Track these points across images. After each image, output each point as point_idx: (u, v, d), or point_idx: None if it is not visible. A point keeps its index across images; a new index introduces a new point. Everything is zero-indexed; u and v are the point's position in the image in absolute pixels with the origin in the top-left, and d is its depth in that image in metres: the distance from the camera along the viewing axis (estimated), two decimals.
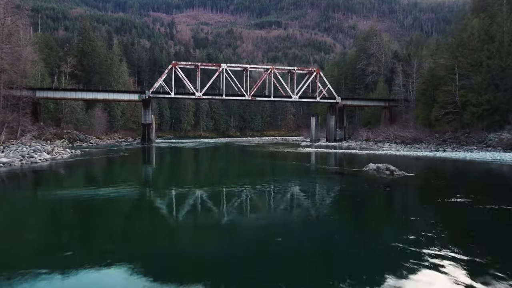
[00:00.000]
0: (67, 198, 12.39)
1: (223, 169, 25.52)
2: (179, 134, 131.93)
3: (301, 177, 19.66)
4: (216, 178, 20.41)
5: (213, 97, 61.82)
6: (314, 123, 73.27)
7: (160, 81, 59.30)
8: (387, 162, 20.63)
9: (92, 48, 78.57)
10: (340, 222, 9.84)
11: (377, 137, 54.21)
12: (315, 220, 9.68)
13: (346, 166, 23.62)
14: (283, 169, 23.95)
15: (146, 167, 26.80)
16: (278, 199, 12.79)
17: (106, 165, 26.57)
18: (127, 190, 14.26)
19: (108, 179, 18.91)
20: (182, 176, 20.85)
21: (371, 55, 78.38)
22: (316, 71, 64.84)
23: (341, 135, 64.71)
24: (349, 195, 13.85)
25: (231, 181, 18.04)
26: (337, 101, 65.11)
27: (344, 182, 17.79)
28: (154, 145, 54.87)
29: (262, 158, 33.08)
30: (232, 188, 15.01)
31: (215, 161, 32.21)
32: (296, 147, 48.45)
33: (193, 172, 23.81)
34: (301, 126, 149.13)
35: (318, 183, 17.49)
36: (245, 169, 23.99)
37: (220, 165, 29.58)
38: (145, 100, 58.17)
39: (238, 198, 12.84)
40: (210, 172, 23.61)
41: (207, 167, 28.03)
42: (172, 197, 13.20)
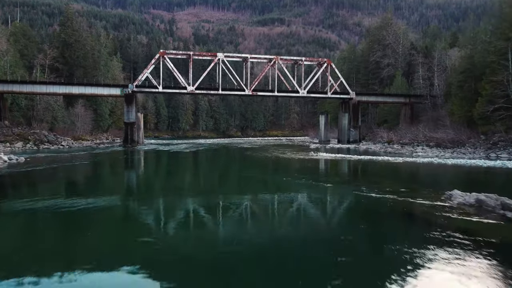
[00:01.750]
0: None
1: (200, 200, 16.04)
2: (177, 134, 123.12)
3: (349, 236, 10.27)
4: (183, 226, 11.00)
5: (207, 91, 52.78)
6: (324, 122, 63.90)
7: (146, 73, 50.06)
8: (443, 173, 11.97)
9: (75, 39, 69.41)
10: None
11: (401, 139, 44.79)
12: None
13: (402, 189, 14.31)
14: (301, 201, 14.35)
15: (90, 189, 17.55)
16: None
17: (14, 187, 17.32)
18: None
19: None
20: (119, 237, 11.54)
21: (386, 46, 68.84)
22: (327, 62, 55.46)
23: (355, 135, 55.31)
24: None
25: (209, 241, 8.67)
26: (351, 97, 55.72)
27: (444, 254, 8.23)
28: (138, 148, 45.62)
29: (264, 172, 23.73)
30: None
31: (197, 176, 22.96)
32: (306, 151, 39.15)
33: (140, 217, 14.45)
34: (306, 126, 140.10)
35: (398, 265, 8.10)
36: (238, 201, 13.98)
37: (201, 185, 20.10)
38: (128, 95, 48.99)
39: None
40: (177, 210, 14.11)
41: (176, 196, 17.94)
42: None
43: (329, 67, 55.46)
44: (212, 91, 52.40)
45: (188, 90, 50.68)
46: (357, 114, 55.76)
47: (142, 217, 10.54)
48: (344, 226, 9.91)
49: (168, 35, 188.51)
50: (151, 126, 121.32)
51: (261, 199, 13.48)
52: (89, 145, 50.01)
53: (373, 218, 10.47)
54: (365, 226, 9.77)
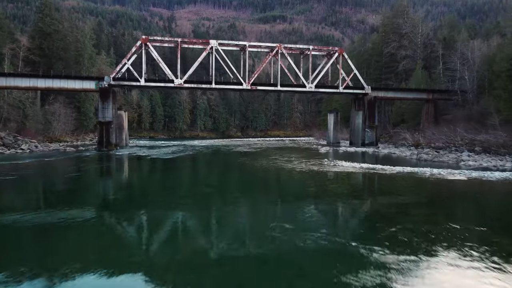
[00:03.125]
0: None
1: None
2: (173, 135, 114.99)
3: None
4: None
5: (198, 85, 44.21)
6: (333, 121, 55.40)
7: (127, 64, 41.72)
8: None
9: (55, 29, 61.15)
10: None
11: (431, 141, 36.33)
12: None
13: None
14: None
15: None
16: None
17: None
18: None
19: None
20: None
21: (402, 36, 60.34)
22: (339, 51, 46.96)
23: (371, 137, 46.82)
24: None
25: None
26: (366, 92, 47.24)
27: None
28: (113, 153, 37.16)
29: (265, 200, 15.20)
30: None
31: (161, 208, 14.72)
32: (317, 157, 30.75)
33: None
34: (309, 126, 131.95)
35: None
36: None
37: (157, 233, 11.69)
38: (103, 89, 40.64)
39: None
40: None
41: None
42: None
43: (341, 58, 47.05)
44: (204, 84, 44.00)
45: (175, 83, 42.32)
46: (374, 112, 47.26)
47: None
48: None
49: (166, 32, 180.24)
50: (146, 126, 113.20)
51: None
52: (58, 148, 41.58)
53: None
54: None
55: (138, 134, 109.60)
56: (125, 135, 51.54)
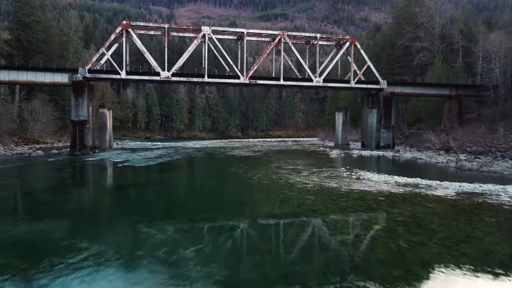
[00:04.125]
0: None
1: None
2: (170, 135, 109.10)
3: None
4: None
5: (189, 79, 37.82)
6: (341, 121, 49.03)
7: (107, 55, 35.54)
8: None
9: (34, 19, 54.95)
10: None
11: (464, 144, 29.98)
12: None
13: None
14: None
15: None
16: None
17: None
18: None
19: None
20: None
21: (418, 27, 53.97)
22: (350, 40, 40.59)
23: (388, 138, 40.45)
24: None
25: None
26: (381, 87, 40.92)
27: None
28: (86, 158, 30.81)
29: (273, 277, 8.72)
30: None
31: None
32: (331, 165, 24.50)
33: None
34: (312, 126, 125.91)
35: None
36: None
37: None
38: (77, 83, 34.42)
39: None
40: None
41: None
42: None
43: (353, 48, 40.73)
44: (195, 78, 37.73)
45: (162, 76, 36.06)
46: (390, 110, 40.87)
47: None
48: None
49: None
50: (142, 126, 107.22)
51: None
52: (24, 152, 35.22)
53: None
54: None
55: (133, 135, 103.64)
56: (108, 136, 45.44)
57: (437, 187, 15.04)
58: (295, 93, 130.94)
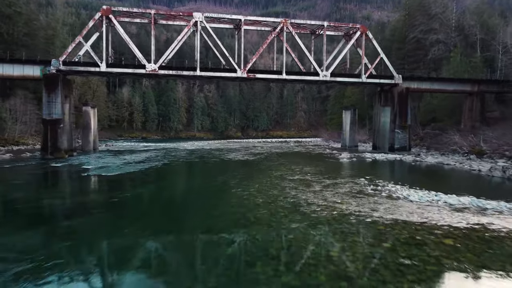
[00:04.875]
0: None
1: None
2: (168, 135, 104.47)
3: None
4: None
5: (178, 72, 32.91)
6: (349, 120, 44.21)
7: (86, 46, 30.84)
8: None
9: (16, 10, 50.28)
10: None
11: (499, 148, 25.19)
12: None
13: None
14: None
15: None
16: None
17: None
18: None
19: None
20: None
21: (432, 18, 49.18)
22: (361, 29, 35.77)
23: (403, 140, 35.62)
24: None
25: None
26: (395, 82, 36.13)
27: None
28: (55, 164, 26.07)
29: None
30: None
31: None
32: (348, 174, 19.75)
33: None
34: (314, 125, 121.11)
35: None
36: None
37: None
38: (49, 76, 29.72)
39: None
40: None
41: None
42: None
43: (364, 39, 35.94)
44: (186, 71, 33.03)
45: (147, 69, 31.36)
46: (406, 108, 36.03)
47: None
48: None
49: (164, 29, 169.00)
50: (138, 126, 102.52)
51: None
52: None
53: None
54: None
55: (129, 135, 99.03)
56: (93, 137, 40.76)
57: (503, 210, 10.29)
58: (296, 92, 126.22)
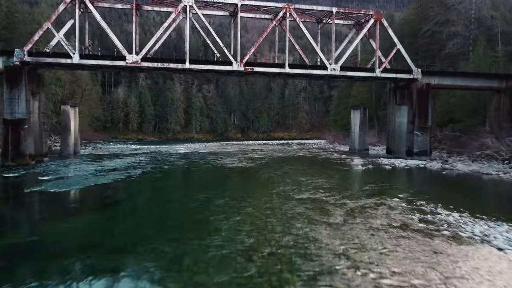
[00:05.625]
0: None
1: None
2: (165, 136, 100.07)
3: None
4: None
5: (164, 65, 28.22)
6: (359, 120, 39.48)
7: (58, 36, 26.33)
8: None
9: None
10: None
11: None
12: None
13: None
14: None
15: None
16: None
17: None
18: None
19: None
20: None
21: (449, 8, 44.48)
22: (375, 17, 31.12)
23: (423, 143, 30.86)
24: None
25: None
26: (414, 77, 31.44)
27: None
28: (10, 175, 21.38)
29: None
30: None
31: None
32: (373, 189, 15.05)
33: None
34: (316, 126, 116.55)
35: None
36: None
37: None
38: (12, 69, 25.15)
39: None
40: None
41: None
42: None
43: (378, 28, 31.29)
44: (172, 64, 28.46)
45: (128, 61, 26.76)
46: (426, 107, 31.27)
47: None
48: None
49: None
50: (134, 127, 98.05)
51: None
52: None
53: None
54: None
55: (125, 136, 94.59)
56: (73, 139, 36.10)
57: None
58: (298, 92, 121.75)
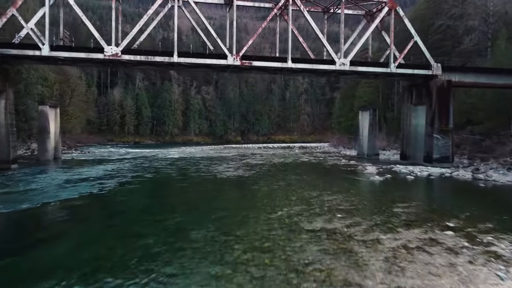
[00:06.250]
0: None
1: None
2: (163, 139, 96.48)
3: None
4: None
5: (148, 58, 24.47)
6: (368, 122, 35.65)
7: (27, 28, 22.77)
8: None
9: None
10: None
11: None
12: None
13: None
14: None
15: None
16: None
17: None
18: None
19: None
20: None
21: (465, 1, 40.82)
22: (390, 4, 27.41)
23: (444, 148, 27.03)
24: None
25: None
26: (433, 73, 27.67)
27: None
28: None
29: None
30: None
31: None
32: (405, 214, 11.31)
33: None
34: (318, 129, 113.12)
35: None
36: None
37: None
38: None
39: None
40: None
41: None
42: None
43: (393, 18, 27.61)
44: (158, 57, 24.83)
45: (107, 54, 23.11)
46: (448, 107, 27.47)
47: None
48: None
49: (162, 30, 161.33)
50: (131, 130, 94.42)
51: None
52: None
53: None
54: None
55: (121, 139, 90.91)
56: (52, 144, 32.44)
57: None
58: (300, 94, 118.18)
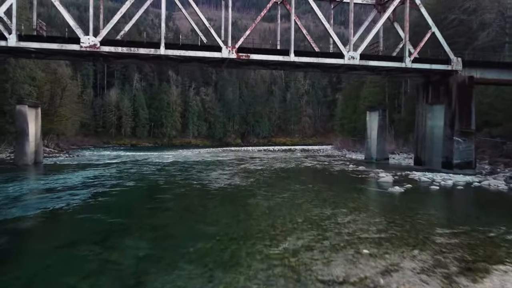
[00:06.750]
0: None
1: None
2: (161, 142, 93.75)
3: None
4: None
5: (131, 50, 21.49)
6: (377, 124, 32.59)
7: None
8: None
9: None
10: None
11: None
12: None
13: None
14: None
15: None
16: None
17: None
18: None
19: None
20: None
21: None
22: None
23: (466, 152, 23.95)
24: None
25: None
26: (453, 69, 24.66)
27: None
28: None
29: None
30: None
31: None
32: (450, 247, 8.26)
33: None
34: (320, 131, 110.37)
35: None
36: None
37: None
38: None
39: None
40: None
41: None
42: None
43: (408, 7, 24.67)
44: (143, 49, 21.88)
45: (83, 45, 20.17)
46: (469, 106, 24.40)
47: None
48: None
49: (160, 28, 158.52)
50: (127, 132, 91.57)
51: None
52: None
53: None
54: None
55: (117, 142, 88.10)
56: (32, 147, 29.44)
57: None
58: (301, 96, 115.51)
